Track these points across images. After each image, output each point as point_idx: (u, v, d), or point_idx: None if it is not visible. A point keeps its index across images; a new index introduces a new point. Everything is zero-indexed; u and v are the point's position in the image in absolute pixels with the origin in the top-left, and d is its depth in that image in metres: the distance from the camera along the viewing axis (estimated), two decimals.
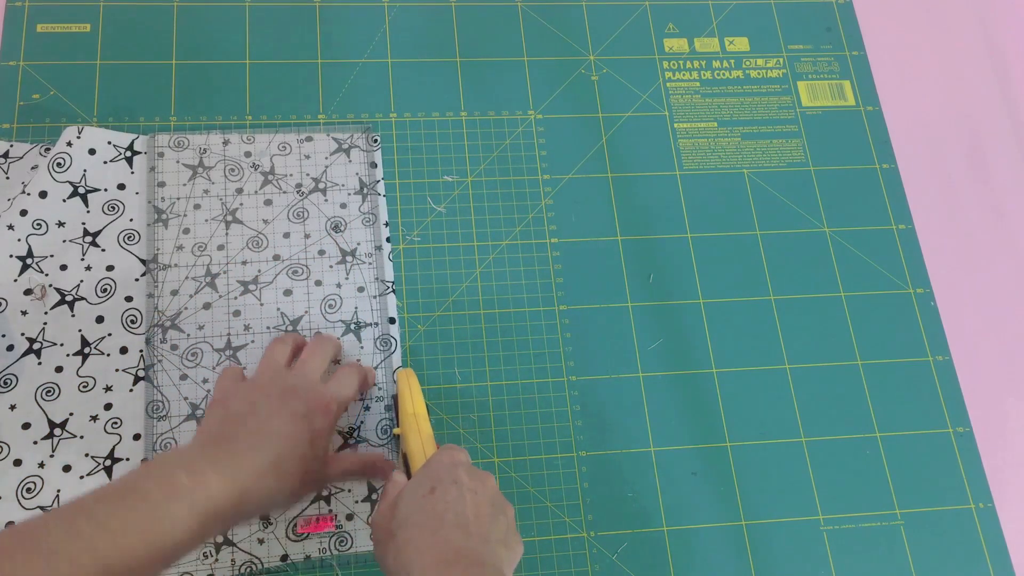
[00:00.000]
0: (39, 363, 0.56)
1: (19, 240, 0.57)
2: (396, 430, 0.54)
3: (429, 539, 0.42)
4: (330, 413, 0.50)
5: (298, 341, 0.55)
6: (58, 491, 0.53)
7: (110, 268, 0.58)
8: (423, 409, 0.52)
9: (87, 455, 0.54)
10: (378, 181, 0.64)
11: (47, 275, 0.57)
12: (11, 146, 0.60)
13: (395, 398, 0.56)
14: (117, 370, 0.56)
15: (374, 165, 0.64)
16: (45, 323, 0.56)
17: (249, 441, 0.46)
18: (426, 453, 0.50)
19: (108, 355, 0.56)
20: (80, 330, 0.57)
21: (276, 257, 0.60)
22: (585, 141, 0.68)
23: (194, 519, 0.41)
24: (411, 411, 0.52)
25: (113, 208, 0.60)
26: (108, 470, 0.54)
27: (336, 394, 0.51)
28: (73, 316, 0.57)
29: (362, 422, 0.57)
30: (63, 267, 0.58)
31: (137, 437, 0.55)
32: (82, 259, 0.58)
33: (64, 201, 0.58)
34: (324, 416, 0.49)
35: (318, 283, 0.60)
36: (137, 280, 0.59)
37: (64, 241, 0.58)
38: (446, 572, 0.40)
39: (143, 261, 0.59)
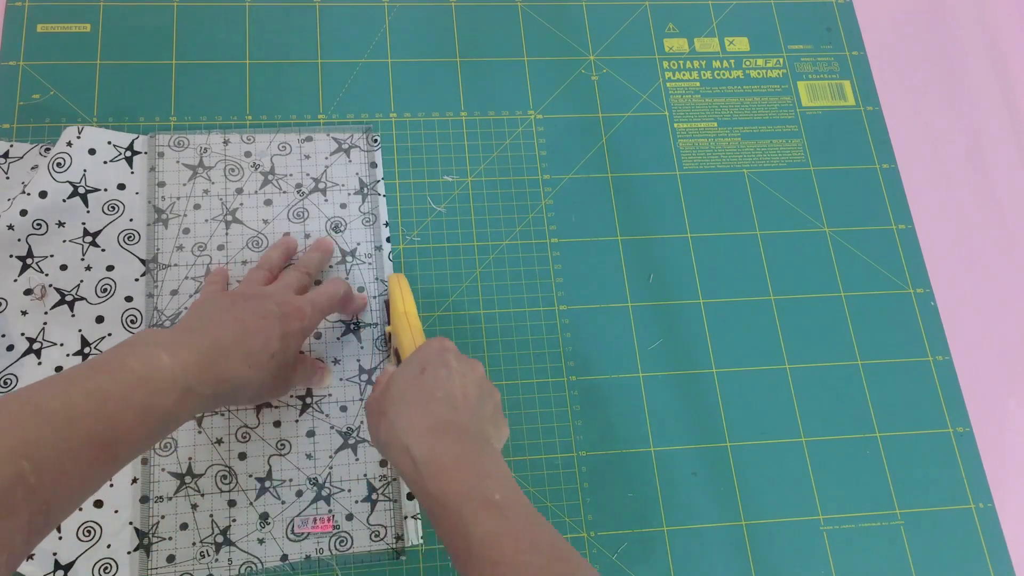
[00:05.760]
0: (39, 363, 0.56)
1: (19, 240, 0.57)
2: (388, 328, 0.56)
3: (420, 411, 0.45)
4: (303, 316, 0.51)
5: (284, 255, 0.59)
6: None
7: (110, 268, 0.58)
8: (413, 308, 0.55)
9: None
10: (378, 181, 0.64)
11: (47, 275, 0.57)
12: (11, 146, 0.60)
13: (387, 303, 0.58)
14: None
15: (374, 165, 0.64)
16: (45, 323, 0.56)
17: (223, 330, 0.47)
18: (416, 345, 0.52)
19: None
20: (80, 330, 0.57)
21: None
22: (585, 141, 0.68)
23: (176, 392, 0.42)
24: (402, 310, 0.54)
25: (113, 208, 0.60)
26: None
27: (312, 300, 0.53)
28: (73, 316, 0.57)
29: (362, 422, 0.57)
30: (63, 267, 0.58)
31: None
32: (82, 259, 0.58)
33: (64, 201, 0.58)
34: (297, 319, 0.51)
35: (318, 283, 0.60)
36: (137, 280, 0.59)
37: (64, 241, 0.58)
38: (436, 438, 0.43)
39: (143, 261, 0.59)
